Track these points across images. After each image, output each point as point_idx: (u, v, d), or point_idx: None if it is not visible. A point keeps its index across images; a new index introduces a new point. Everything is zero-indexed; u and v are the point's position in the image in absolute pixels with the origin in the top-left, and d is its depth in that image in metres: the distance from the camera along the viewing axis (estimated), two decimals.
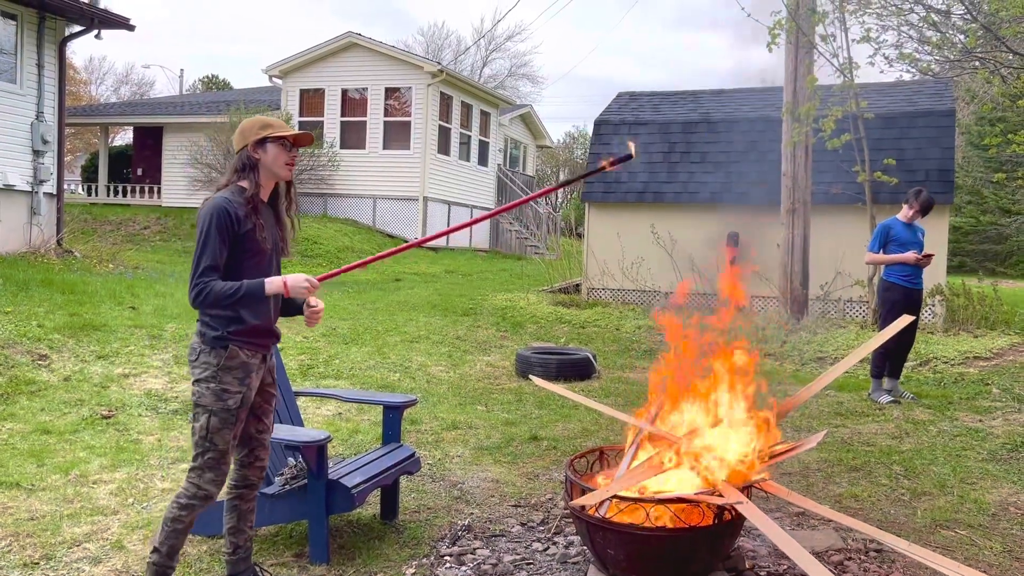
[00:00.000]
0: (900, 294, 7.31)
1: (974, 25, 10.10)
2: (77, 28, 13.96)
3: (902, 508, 4.67)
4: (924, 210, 7.37)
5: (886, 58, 11.22)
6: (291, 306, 3.35)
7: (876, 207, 10.76)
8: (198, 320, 3.18)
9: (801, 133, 10.80)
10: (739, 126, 13.13)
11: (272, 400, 3.37)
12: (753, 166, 12.49)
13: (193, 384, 3.15)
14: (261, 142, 3.17)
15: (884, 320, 7.41)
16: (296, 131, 3.23)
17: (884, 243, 7.39)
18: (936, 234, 11.18)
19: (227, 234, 3.06)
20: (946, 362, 8.75)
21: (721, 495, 3.28)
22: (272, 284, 3.08)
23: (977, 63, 10.62)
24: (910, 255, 7.24)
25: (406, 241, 21.06)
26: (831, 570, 3.53)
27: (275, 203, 3.30)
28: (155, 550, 3.17)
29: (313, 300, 3.27)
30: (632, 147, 3.02)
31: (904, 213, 7.42)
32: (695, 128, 13.55)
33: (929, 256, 7.29)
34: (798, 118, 10.72)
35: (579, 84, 67.90)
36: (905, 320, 4.53)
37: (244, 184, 3.17)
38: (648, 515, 3.25)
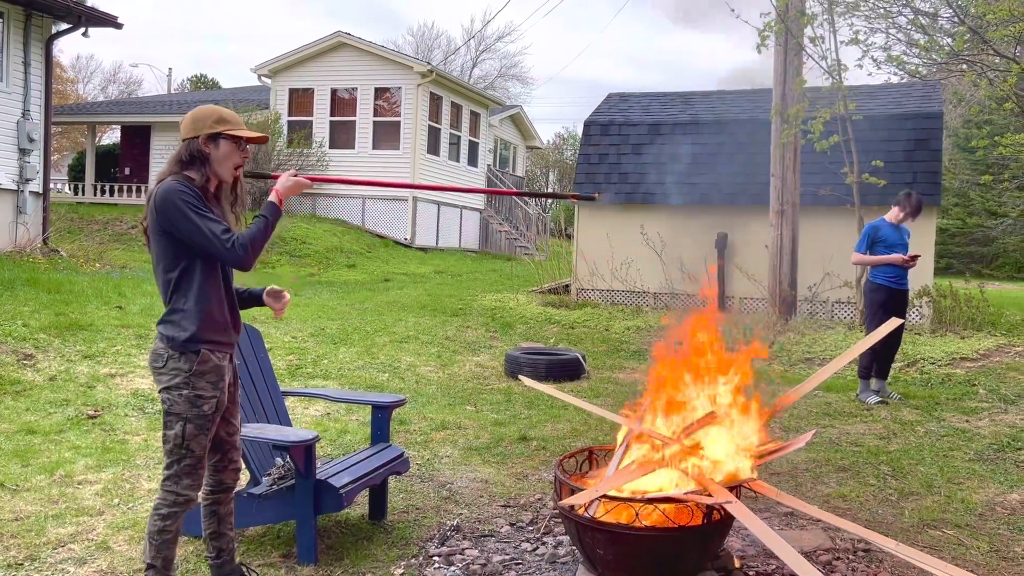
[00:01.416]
0: (886, 295, 7.35)
1: (961, 28, 10.17)
2: (64, 26, 13.89)
3: (890, 508, 4.69)
4: (915, 212, 7.42)
5: (874, 60, 11.32)
6: (252, 299, 3.31)
7: (864, 209, 10.80)
8: (160, 324, 3.03)
9: (790, 135, 10.84)
10: (728, 127, 13.17)
11: (238, 400, 3.28)
12: (742, 167, 12.52)
13: (162, 392, 3.01)
14: (214, 136, 3.02)
15: (870, 321, 7.45)
16: (253, 133, 3.08)
17: (871, 244, 7.43)
18: (923, 236, 11.24)
19: (201, 201, 2.94)
20: (933, 363, 8.80)
21: (710, 495, 3.28)
22: (275, 195, 3.05)
23: (964, 66, 10.70)
24: (897, 256, 7.28)
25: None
26: (820, 570, 3.54)
27: (219, 197, 3.11)
28: (149, 566, 3.06)
29: (281, 294, 3.28)
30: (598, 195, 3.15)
31: (894, 215, 7.46)
32: (685, 129, 13.58)
33: (915, 257, 7.32)
34: (787, 120, 10.76)
35: (569, 85, 68.04)
36: (894, 323, 4.56)
37: (192, 175, 3.00)
38: (637, 515, 3.24)
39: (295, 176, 3.11)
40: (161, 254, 3.00)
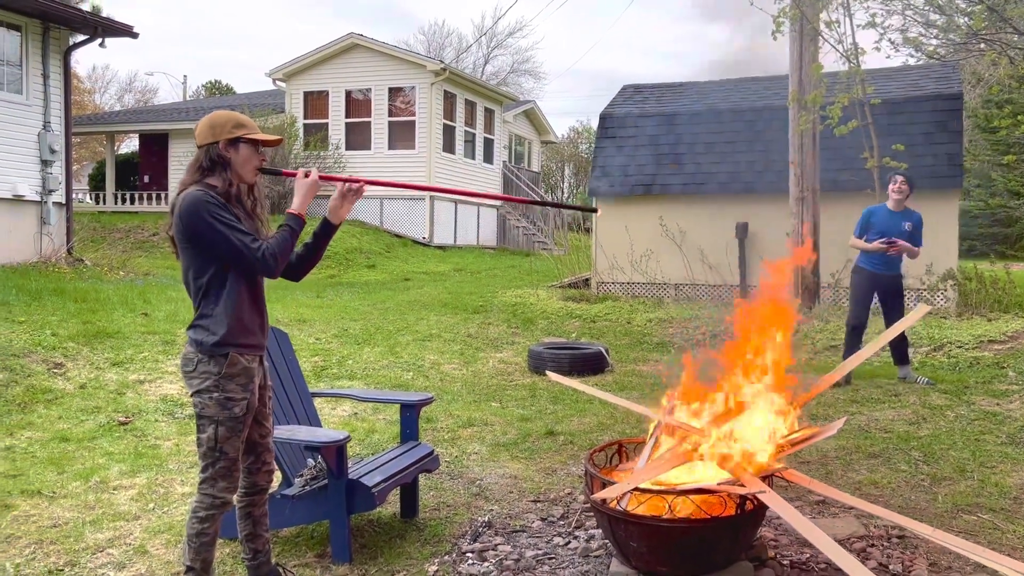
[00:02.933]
0: (864, 278, 7.46)
1: (979, 7, 10.04)
2: (81, 37, 14.01)
3: (922, 494, 4.66)
4: (909, 187, 7.42)
5: (891, 43, 11.16)
6: (322, 235, 3.23)
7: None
8: (190, 329, 3.08)
9: (808, 121, 10.75)
10: (745, 115, 13.08)
11: (270, 403, 3.32)
12: (760, 155, 12.44)
13: (193, 396, 3.05)
14: (234, 141, 3.06)
15: (850, 302, 7.67)
16: (269, 136, 3.13)
17: (864, 229, 7.44)
18: (946, 218, 11.13)
19: (226, 209, 2.99)
20: (960, 347, 8.71)
21: (742, 485, 3.28)
22: (298, 208, 3.10)
23: (983, 45, 10.56)
24: (874, 244, 7.28)
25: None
26: (854, 557, 3.52)
27: (241, 201, 3.16)
28: (189, 568, 3.10)
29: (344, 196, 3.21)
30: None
31: (891, 199, 7.42)
32: (700, 119, 13.50)
33: (891, 243, 7.20)
34: (804, 106, 10.67)
35: (583, 78, 67.84)
36: (923, 310, 4.54)
37: (214, 182, 3.05)
38: (669, 507, 3.24)
39: (306, 177, 3.14)
40: (189, 262, 3.05)
